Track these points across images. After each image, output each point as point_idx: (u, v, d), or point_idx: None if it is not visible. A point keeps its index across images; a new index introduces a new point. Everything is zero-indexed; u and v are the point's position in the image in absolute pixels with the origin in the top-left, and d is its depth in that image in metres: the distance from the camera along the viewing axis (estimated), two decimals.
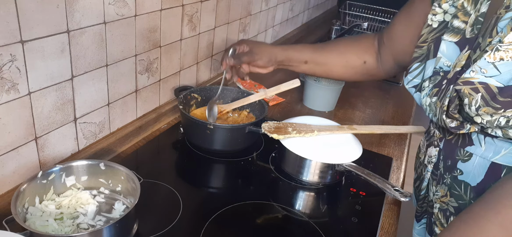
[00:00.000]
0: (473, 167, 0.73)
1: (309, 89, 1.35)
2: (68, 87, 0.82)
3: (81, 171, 0.79)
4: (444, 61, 0.75)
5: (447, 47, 0.74)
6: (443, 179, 0.80)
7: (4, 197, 0.74)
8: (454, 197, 0.77)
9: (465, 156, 0.74)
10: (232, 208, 0.84)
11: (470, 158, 0.74)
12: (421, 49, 0.81)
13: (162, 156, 1.03)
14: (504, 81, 0.63)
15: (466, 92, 0.66)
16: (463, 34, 0.73)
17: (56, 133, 0.82)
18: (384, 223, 0.88)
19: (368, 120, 1.34)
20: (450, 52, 0.74)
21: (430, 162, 0.85)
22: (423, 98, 0.79)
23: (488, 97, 0.64)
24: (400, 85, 1.69)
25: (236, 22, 1.45)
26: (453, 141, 0.77)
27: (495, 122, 0.65)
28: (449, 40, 0.74)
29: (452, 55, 0.74)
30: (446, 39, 0.75)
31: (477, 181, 0.73)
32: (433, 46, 0.78)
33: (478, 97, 0.65)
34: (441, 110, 0.73)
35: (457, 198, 0.77)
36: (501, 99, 0.63)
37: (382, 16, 2.42)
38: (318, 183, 0.96)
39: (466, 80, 0.66)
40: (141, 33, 0.97)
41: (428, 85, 0.78)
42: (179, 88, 1.16)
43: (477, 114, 0.66)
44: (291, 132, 0.96)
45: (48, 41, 0.74)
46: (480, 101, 0.65)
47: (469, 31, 0.72)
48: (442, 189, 0.80)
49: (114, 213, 0.76)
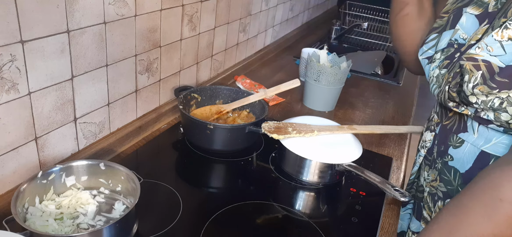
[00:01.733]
0: (463, 154, 0.74)
1: (309, 89, 1.35)
2: (68, 87, 0.82)
3: (81, 171, 0.79)
4: (461, 33, 0.74)
5: (466, 20, 0.73)
6: (435, 163, 0.81)
7: (4, 197, 0.74)
8: (444, 182, 0.78)
9: (457, 142, 0.76)
10: (232, 208, 0.84)
11: (462, 145, 0.75)
12: (442, 20, 0.80)
13: (162, 156, 1.03)
14: (506, 61, 0.62)
15: (468, 68, 0.66)
16: (486, 8, 0.71)
17: (56, 133, 0.82)
18: (384, 223, 0.88)
19: (368, 120, 1.34)
20: (468, 25, 0.73)
21: (424, 146, 0.87)
22: (432, 70, 0.78)
23: (487, 76, 0.64)
24: (400, 85, 1.70)
25: (236, 22, 1.45)
26: (448, 127, 0.78)
27: (489, 103, 0.65)
28: (470, 12, 0.73)
29: (470, 29, 0.73)
30: (468, 11, 0.73)
31: (466, 168, 0.74)
32: (452, 17, 0.77)
33: (478, 75, 0.65)
34: (446, 82, 0.73)
35: (446, 183, 0.78)
36: (499, 79, 0.63)
37: (382, 16, 2.42)
38: (318, 183, 0.96)
39: (470, 56, 0.66)
40: (141, 33, 0.97)
41: (440, 57, 0.77)
42: (179, 88, 1.16)
43: (472, 93, 0.66)
44: (291, 132, 0.96)
45: (48, 41, 0.74)
46: (479, 79, 0.65)
47: (492, 5, 0.70)
48: (433, 174, 0.82)
49: (114, 213, 0.76)
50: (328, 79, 1.28)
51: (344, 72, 1.30)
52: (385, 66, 2.11)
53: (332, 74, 1.28)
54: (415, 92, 1.67)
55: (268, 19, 1.75)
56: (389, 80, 1.73)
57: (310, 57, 1.33)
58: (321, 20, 2.61)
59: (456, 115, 0.77)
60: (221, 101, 1.17)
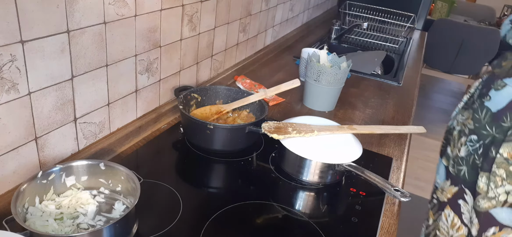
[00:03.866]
0: (501, 96, 0.82)
1: (309, 89, 1.35)
2: (68, 87, 0.82)
3: (81, 171, 0.79)
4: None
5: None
6: (473, 104, 0.90)
7: (4, 197, 0.74)
8: (474, 120, 0.87)
9: (499, 85, 0.83)
10: (232, 208, 0.84)
11: (503, 88, 0.83)
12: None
13: (162, 156, 1.03)
14: None
15: None
16: None
17: (56, 133, 0.82)
18: (384, 223, 0.88)
19: (368, 120, 1.34)
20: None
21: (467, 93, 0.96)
22: (508, 25, 0.87)
23: None
24: (400, 85, 1.70)
25: (236, 22, 1.45)
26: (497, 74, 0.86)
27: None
28: None
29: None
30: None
31: (498, 108, 0.82)
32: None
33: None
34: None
35: (475, 120, 0.86)
36: None
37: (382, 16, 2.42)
38: (318, 183, 0.96)
39: None
40: (141, 33, 0.97)
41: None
42: (179, 88, 1.16)
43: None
44: (291, 132, 0.96)
45: (48, 41, 0.74)
46: None
47: None
48: (468, 113, 0.90)
49: (114, 213, 0.76)
50: (328, 79, 1.28)
51: (344, 72, 1.30)
52: (385, 66, 2.11)
53: (332, 74, 1.28)
54: (415, 92, 1.67)
55: (268, 19, 1.75)
56: (389, 80, 1.73)
57: (310, 57, 1.33)
58: (321, 20, 2.61)
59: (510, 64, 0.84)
60: (221, 101, 1.17)
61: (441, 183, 0.93)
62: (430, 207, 0.96)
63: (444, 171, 0.93)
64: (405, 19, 2.36)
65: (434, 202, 0.95)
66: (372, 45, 2.26)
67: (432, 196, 0.95)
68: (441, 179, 0.94)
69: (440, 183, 0.93)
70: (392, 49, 2.20)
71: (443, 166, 0.93)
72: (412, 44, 2.38)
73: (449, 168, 0.91)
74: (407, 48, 2.24)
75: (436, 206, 0.93)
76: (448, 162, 0.92)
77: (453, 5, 4.97)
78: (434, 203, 0.94)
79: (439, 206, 0.92)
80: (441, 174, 0.94)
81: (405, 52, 2.17)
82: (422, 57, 2.25)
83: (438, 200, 0.93)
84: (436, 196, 0.94)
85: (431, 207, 0.95)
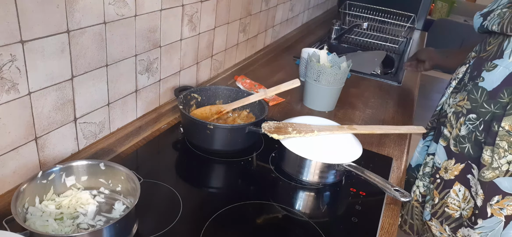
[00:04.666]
0: (494, 75, 0.88)
1: (309, 89, 1.35)
2: (68, 87, 0.82)
3: (81, 171, 0.79)
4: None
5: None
6: (465, 86, 0.95)
7: (4, 197, 0.74)
8: (470, 100, 0.92)
9: (490, 67, 0.89)
10: (232, 208, 0.84)
11: (494, 68, 0.88)
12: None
13: (162, 156, 1.03)
14: None
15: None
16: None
17: (56, 133, 0.82)
18: (384, 223, 0.88)
19: (368, 120, 1.34)
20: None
21: (456, 78, 1.02)
22: (497, 9, 0.92)
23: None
24: (400, 85, 1.70)
25: (236, 22, 1.45)
26: (484, 57, 0.92)
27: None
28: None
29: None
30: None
31: (493, 86, 0.88)
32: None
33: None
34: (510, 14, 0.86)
35: (472, 101, 0.91)
36: None
37: (382, 16, 2.42)
38: (318, 183, 0.96)
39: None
40: (141, 33, 0.97)
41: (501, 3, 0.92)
42: (179, 88, 1.16)
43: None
44: (291, 132, 0.96)
45: (48, 41, 0.74)
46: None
47: None
48: (461, 95, 0.95)
49: (114, 213, 0.76)
50: (328, 79, 1.28)
51: (344, 72, 1.30)
52: (385, 66, 2.11)
53: (332, 74, 1.28)
54: (415, 92, 1.67)
55: (268, 19, 1.75)
56: (389, 80, 1.73)
57: (310, 57, 1.33)
58: (321, 20, 2.61)
59: (495, 47, 0.90)
60: (221, 101, 1.17)
61: (443, 163, 0.97)
62: (433, 187, 1.00)
63: (443, 151, 0.97)
64: (405, 19, 2.36)
65: (438, 182, 0.99)
66: (372, 45, 2.26)
67: (434, 177, 1.00)
68: (441, 159, 0.98)
69: (442, 163, 0.98)
70: (392, 49, 2.20)
71: (442, 146, 0.98)
72: (412, 44, 2.38)
73: (451, 147, 0.95)
74: (407, 48, 2.24)
75: (441, 185, 0.98)
76: (447, 143, 0.97)
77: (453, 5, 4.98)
78: (438, 183, 0.99)
79: (446, 184, 0.97)
80: (440, 154, 0.98)
81: (405, 52, 2.17)
82: None
83: (443, 179, 0.98)
84: (440, 176, 0.98)
85: (435, 187, 0.99)
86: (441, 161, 0.98)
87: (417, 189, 1.07)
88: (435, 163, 1.00)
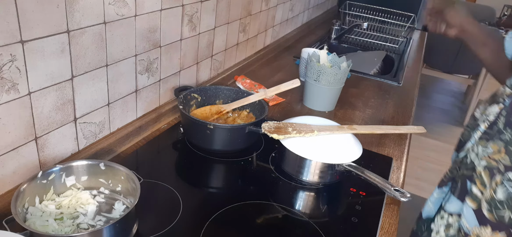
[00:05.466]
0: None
1: (309, 89, 1.35)
2: (68, 87, 0.82)
3: (81, 171, 0.79)
4: None
5: None
6: (501, 134, 0.77)
7: (4, 197, 0.74)
8: (509, 154, 0.74)
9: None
10: (232, 208, 0.84)
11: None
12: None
13: (162, 156, 1.03)
14: None
15: None
16: None
17: (56, 133, 0.82)
18: (384, 223, 0.88)
19: (368, 120, 1.34)
20: None
21: (485, 120, 0.83)
22: None
23: None
24: (400, 85, 1.70)
25: (236, 22, 1.45)
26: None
27: None
28: None
29: None
30: None
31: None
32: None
33: None
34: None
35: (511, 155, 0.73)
36: None
37: (382, 16, 2.42)
38: (318, 183, 0.96)
39: None
40: (141, 33, 0.97)
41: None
42: (179, 88, 1.16)
43: None
44: (291, 132, 0.96)
45: (48, 41, 0.74)
46: None
47: None
48: (495, 145, 0.78)
49: (114, 213, 0.76)
50: (328, 79, 1.28)
51: (344, 72, 1.30)
52: (385, 66, 2.11)
53: (332, 74, 1.28)
54: (415, 92, 1.67)
55: (268, 19, 1.75)
56: (389, 80, 1.73)
57: (310, 57, 1.33)
58: (321, 20, 2.61)
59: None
60: (221, 101, 1.17)
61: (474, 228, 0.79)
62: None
63: (473, 215, 0.80)
64: (405, 19, 2.36)
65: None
66: (372, 45, 2.26)
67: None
68: (470, 224, 0.80)
69: (472, 229, 0.80)
70: (392, 49, 2.20)
71: (471, 209, 0.80)
72: (412, 44, 2.38)
73: (484, 211, 0.77)
74: (407, 48, 2.24)
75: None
76: (477, 205, 0.79)
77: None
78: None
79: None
80: (469, 218, 0.80)
81: (405, 52, 2.17)
82: (422, 57, 2.25)
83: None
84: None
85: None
86: (471, 227, 0.80)
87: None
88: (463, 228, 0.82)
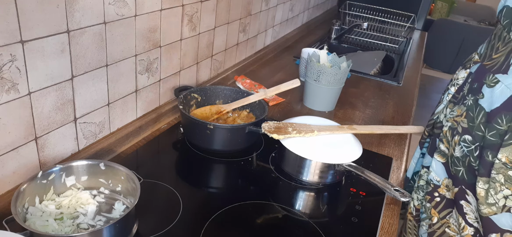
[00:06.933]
0: (494, 94, 0.75)
1: (309, 89, 1.35)
2: (68, 87, 0.82)
3: (81, 171, 0.79)
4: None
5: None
6: (465, 99, 0.83)
7: (4, 197, 0.74)
8: (468, 118, 0.80)
9: (492, 81, 0.77)
10: (232, 208, 0.84)
11: (495, 84, 0.76)
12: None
13: (162, 156, 1.03)
14: None
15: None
16: None
17: (56, 133, 0.82)
18: (384, 223, 0.88)
19: (368, 120, 1.34)
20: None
21: (455, 84, 0.90)
22: None
23: None
24: (400, 85, 1.70)
25: (236, 22, 1.45)
26: (487, 66, 0.79)
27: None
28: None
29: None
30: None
31: (492, 108, 0.75)
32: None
33: None
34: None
35: (469, 120, 0.80)
36: None
37: (382, 16, 2.42)
38: (318, 183, 0.96)
39: None
40: (141, 33, 0.97)
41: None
42: (179, 88, 1.16)
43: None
44: (291, 132, 0.96)
45: (48, 41, 0.74)
46: None
47: None
48: (459, 109, 0.84)
49: (114, 213, 0.76)
50: (328, 79, 1.28)
51: (344, 72, 1.30)
52: (385, 66, 2.11)
53: (332, 74, 1.28)
54: (415, 92, 1.67)
55: (268, 19, 1.75)
56: (389, 80, 1.73)
57: (310, 57, 1.33)
58: (321, 20, 2.61)
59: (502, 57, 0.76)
60: (221, 101, 1.17)
61: (444, 180, 0.86)
62: (430, 206, 0.88)
63: (442, 168, 0.86)
64: (405, 19, 2.36)
65: (437, 200, 0.87)
66: (372, 45, 2.26)
67: (432, 195, 0.88)
68: (440, 175, 0.87)
69: (441, 180, 0.87)
70: (392, 49, 2.20)
71: (439, 163, 0.87)
72: (412, 44, 2.38)
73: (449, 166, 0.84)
74: (407, 48, 2.24)
75: (441, 204, 0.87)
76: (444, 159, 0.86)
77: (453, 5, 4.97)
78: (437, 202, 0.87)
79: (447, 204, 0.86)
80: (438, 171, 0.87)
81: (405, 52, 2.17)
82: (422, 57, 2.25)
83: (443, 197, 0.86)
84: (440, 194, 0.87)
85: (433, 205, 0.88)
86: (441, 178, 0.87)
87: (412, 202, 0.98)
88: (432, 180, 0.89)
